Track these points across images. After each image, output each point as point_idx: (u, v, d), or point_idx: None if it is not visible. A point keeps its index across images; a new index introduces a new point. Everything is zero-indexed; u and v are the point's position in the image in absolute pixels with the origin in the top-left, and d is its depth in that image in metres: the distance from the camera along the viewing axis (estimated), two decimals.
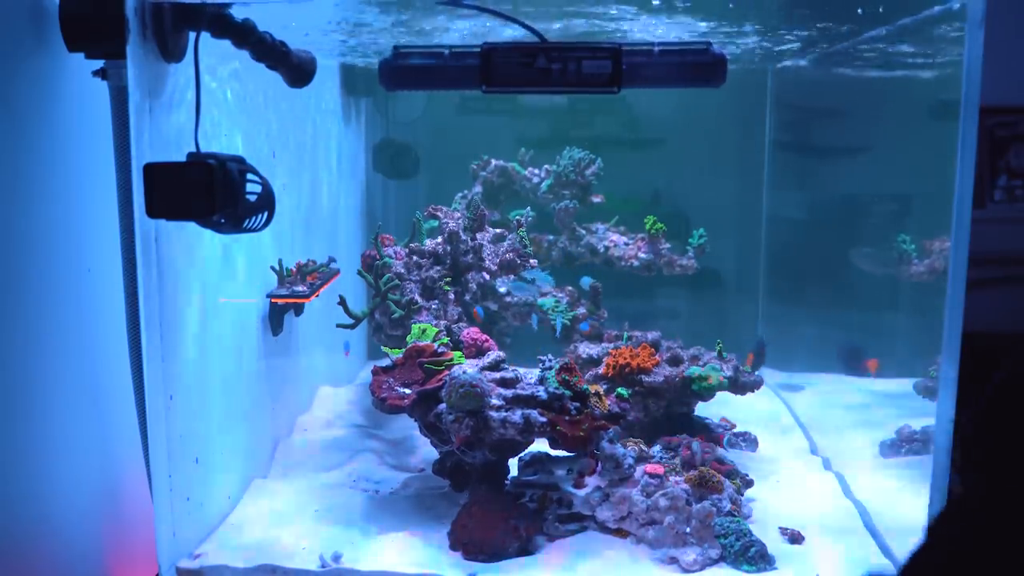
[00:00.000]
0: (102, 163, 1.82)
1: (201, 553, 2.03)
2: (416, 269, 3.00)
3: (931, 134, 2.17)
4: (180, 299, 1.97)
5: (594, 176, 3.41)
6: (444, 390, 2.18)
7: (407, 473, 2.61)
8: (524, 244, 3.09)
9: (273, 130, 2.60)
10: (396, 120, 3.78)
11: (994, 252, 2.68)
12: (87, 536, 1.88)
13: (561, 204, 3.37)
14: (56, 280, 1.77)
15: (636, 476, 2.21)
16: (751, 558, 2.00)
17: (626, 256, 3.28)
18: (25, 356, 1.67)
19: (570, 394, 2.24)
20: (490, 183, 3.51)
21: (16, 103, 1.64)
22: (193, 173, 1.66)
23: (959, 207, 1.78)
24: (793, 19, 2.54)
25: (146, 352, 1.83)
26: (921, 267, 2.70)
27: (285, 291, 2.53)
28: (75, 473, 1.83)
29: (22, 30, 1.67)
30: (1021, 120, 2.91)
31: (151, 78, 1.78)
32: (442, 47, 1.70)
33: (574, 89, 1.68)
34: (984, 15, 1.70)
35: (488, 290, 3.05)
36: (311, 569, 1.99)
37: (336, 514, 2.30)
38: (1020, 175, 2.92)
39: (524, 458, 2.34)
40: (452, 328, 2.78)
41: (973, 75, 1.73)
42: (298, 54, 2.01)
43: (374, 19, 2.42)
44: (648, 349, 2.71)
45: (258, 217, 1.80)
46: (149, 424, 1.85)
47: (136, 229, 1.78)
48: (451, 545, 2.11)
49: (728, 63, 1.68)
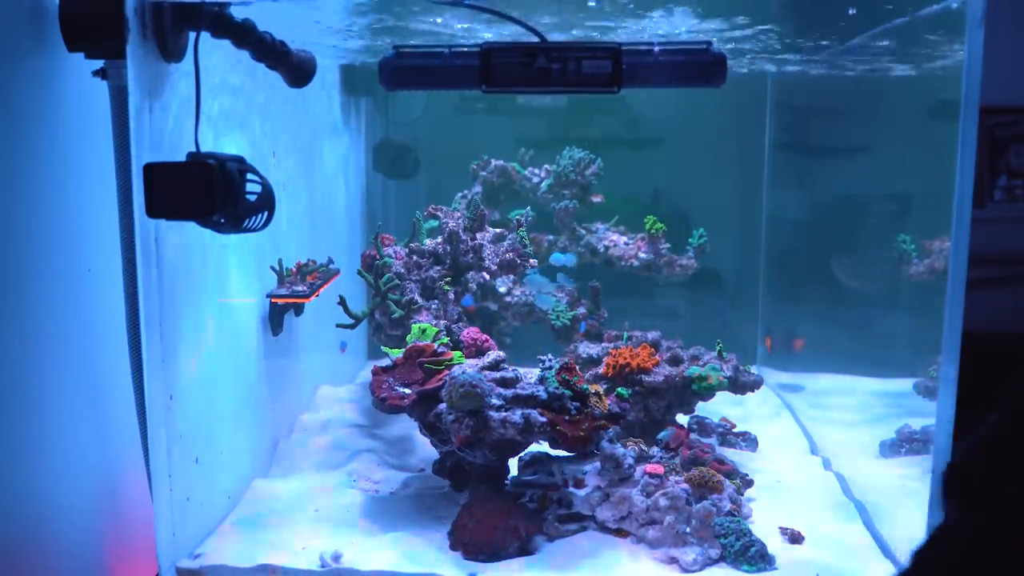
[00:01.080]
0: (102, 163, 1.82)
1: (201, 553, 2.03)
2: (416, 269, 3.00)
3: (931, 134, 2.17)
4: (180, 299, 1.97)
5: (594, 176, 3.41)
6: (444, 390, 2.18)
7: (407, 473, 2.61)
8: (524, 244, 3.09)
9: (273, 130, 2.60)
10: (396, 120, 3.77)
11: (994, 252, 2.68)
12: (87, 536, 1.88)
13: (561, 204, 3.37)
14: (56, 280, 1.77)
15: (636, 476, 2.21)
16: (751, 558, 2.00)
17: (626, 256, 3.28)
18: (25, 356, 1.67)
19: (570, 394, 2.24)
20: (490, 183, 3.51)
21: (16, 103, 1.64)
22: (193, 173, 1.66)
23: (959, 207, 1.78)
24: (793, 19, 2.54)
25: (146, 352, 1.83)
26: (921, 267, 2.70)
27: (285, 291, 2.53)
28: (75, 473, 1.83)
29: (22, 30, 1.67)
30: (1021, 120, 2.92)
31: (151, 78, 1.78)
32: (442, 47, 1.70)
33: (574, 89, 1.68)
34: (984, 15, 1.70)
35: (488, 290, 3.05)
36: (311, 569, 1.99)
37: (336, 514, 2.30)
38: (1020, 175, 2.92)
39: (524, 458, 2.34)
40: (452, 328, 2.78)
41: (973, 75, 1.73)
42: (298, 54, 2.01)
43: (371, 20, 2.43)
44: (648, 349, 2.71)
45: (258, 217, 1.80)
46: (149, 424, 1.85)
47: (136, 229, 1.78)
48: (451, 545, 2.11)
49: (728, 62, 1.68)
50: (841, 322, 3.15)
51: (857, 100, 3.05)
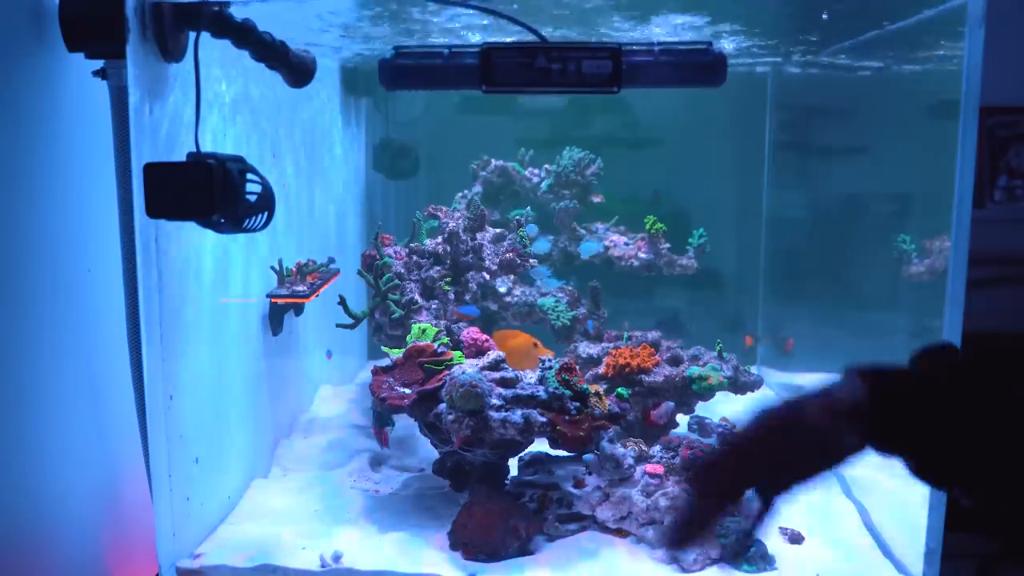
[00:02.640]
0: (102, 163, 1.82)
1: (201, 553, 2.03)
2: (416, 269, 3.00)
3: (931, 134, 2.17)
4: (180, 299, 1.96)
5: (594, 176, 3.41)
6: (444, 390, 2.18)
7: (407, 473, 2.61)
8: (524, 244, 3.09)
9: (273, 130, 2.60)
10: (396, 120, 3.77)
11: (994, 252, 2.68)
12: (87, 536, 1.88)
13: (561, 204, 3.37)
14: (56, 280, 1.77)
15: (636, 476, 2.21)
16: (751, 558, 2.00)
17: (626, 256, 3.28)
18: (24, 356, 1.67)
19: (570, 394, 2.24)
20: (490, 183, 3.51)
21: (16, 103, 1.64)
22: (193, 173, 1.66)
23: (959, 207, 1.78)
24: (793, 18, 2.54)
25: (146, 352, 1.82)
26: (921, 267, 2.70)
27: (285, 291, 2.53)
28: (74, 473, 1.83)
29: (22, 30, 1.67)
30: (1021, 120, 2.92)
31: (151, 78, 1.78)
32: (442, 47, 1.70)
33: (574, 89, 1.68)
34: (984, 14, 1.70)
35: (488, 290, 3.05)
36: (311, 569, 1.99)
37: (336, 514, 2.30)
38: (1020, 175, 2.92)
39: (524, 458, 2.34)
40: (452, 328, 2.78)
41: (973, 75, 1.73)
42: (298, 54, 2.01)
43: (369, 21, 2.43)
44: (648, 349, 2.70)
45: (258, 217, 1.79)
46: (149, 424, 1.85)
47: (136, 229, 1.78)
48: (451, 545, 2.11)
49: (728, 62, 1.68)
50: (841, 322, 3.14)
51: (857, 99, 3.05)
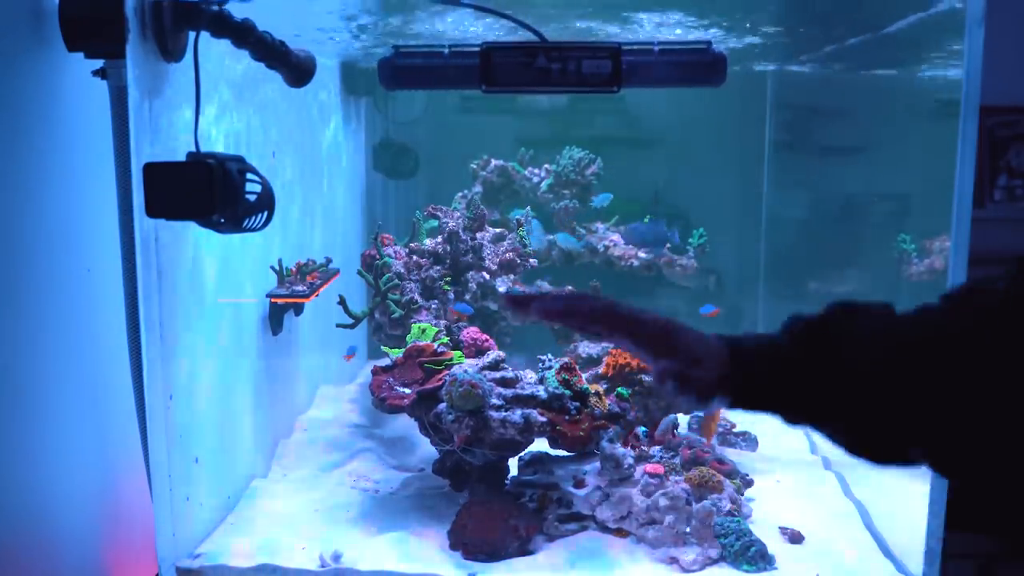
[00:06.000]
0: (102, 163, 1.82)
1: (201, 553, 2.03)
2: (416, 269, 3.00)
3: (931, 134, 2.17)
4: (180, 299, 1.96)
5: (594, 176, 3.41)
6: (444, 390, 2.18)
7: (407, 473, 2.60)
8: (524, 244, 3.09)
9: (273, 130, 2.60)
10: (396, 120, 3.77)
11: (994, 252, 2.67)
12: (87, 536, 1.88)
13: (561, 204, 3.37)
14: (56, 280, 1.76)
15: (636, 476, 2.21)
16: (751, 558, 2.00)
17: (626, 256, 3.28)
18: (24, 356, 1.67)
19: (570, 394, 2.24)
20: (490, 183, 3.51)
21: (16, 103, 1.64)
22: (192, 173, 1.66)
23: (959, 207, 1.78)
24: (793, 18, 2.54)
25: (146, 352, 1.82)
26: (921, 267, 2.70)
27: (285, 291, 2.53)
28: (74, 473, 1.83)
29: (22, 30, 1.67)
30: (1021, 120, 2.91)
31: (151, 78, 1.78)
32: (442, 46, 1.69)
33: (574, 89, 1.68)
34: (984, 14, 1.70)
35: (488, 290, 3.05)
36: (311, 569, 1.99)
37: (336, 514, 2.30)
38: (1020, 175, 2.92)
39: (524, 458, 2.34)
40: (452, 328, 2.78)
41: (973, 75, 1.73)
42: (298, 54, 2.01)
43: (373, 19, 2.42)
44: None
45: (258, 217, 1.79)
46: (149, 424, 1.85)
47: (136, 229, 1.77)
48: (451, 545, 2.11)
49: (727, 62, 1.68)
50: None
51: (857, 100, 3.05)
